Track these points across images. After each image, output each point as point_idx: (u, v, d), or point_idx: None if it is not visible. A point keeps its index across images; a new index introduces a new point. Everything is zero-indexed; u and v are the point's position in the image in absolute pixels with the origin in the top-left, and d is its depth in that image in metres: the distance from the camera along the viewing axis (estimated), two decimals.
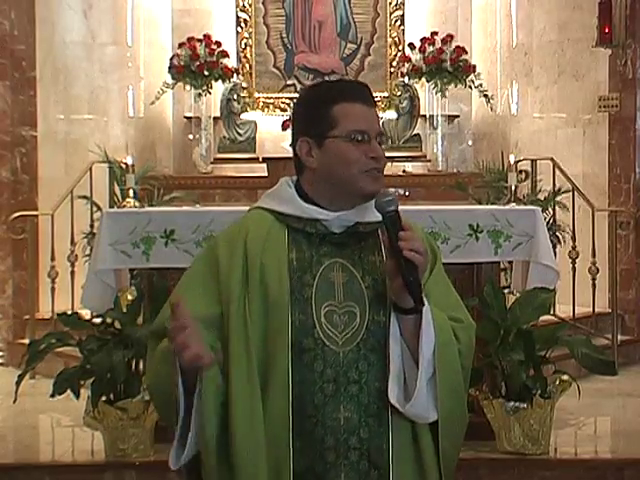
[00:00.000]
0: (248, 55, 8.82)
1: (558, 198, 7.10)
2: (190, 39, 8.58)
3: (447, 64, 8.57)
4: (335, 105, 2.26)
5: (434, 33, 8.71)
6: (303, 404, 2.20)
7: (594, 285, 7.07)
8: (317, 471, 2.21)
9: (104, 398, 4.69)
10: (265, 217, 2.32)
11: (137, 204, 5.71)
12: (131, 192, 5.83)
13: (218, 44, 8.61)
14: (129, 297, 5.38)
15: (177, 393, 2.14)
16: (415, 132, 8.85)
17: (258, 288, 2.23)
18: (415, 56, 8.69)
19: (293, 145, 2.33)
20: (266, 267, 2.24)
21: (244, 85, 8.81)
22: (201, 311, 2.21)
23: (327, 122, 2.26)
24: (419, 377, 2.19)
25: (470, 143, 9.07)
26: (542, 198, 7.01)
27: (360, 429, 2.20)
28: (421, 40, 8.70)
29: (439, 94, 8.67)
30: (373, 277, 2.26)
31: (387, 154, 2.38)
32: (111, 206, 6.83)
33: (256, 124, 8.82)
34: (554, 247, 6.27)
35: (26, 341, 6.32)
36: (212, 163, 8.70)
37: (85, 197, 6.97)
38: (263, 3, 8.83)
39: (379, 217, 2.26)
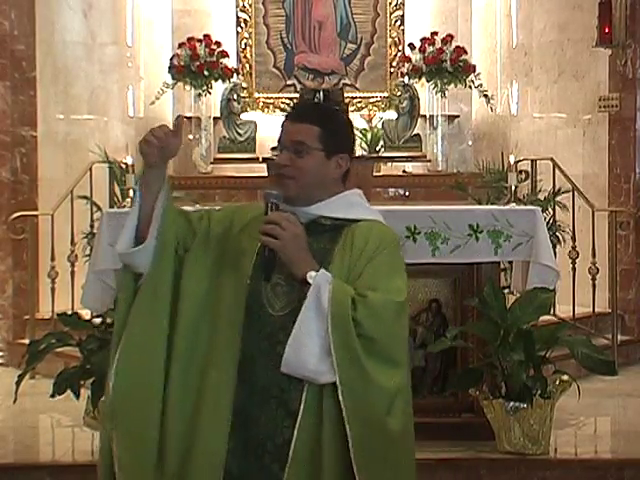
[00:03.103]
0: (248, 55, 8.82)
1: (558, 198, 7.11)
2: (190, 39, 8.58)
3: (447, 64, 8.56)
4: None
5: (434, 33, 8.71)
6: (247, 355, 2.71)
7: (594, 285, 7.07)
8: (248, 408, 2.70)
9: (104, 398, 4.69)
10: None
11: None
12: (131, 192, 5.84)
13: (218, 44, 8.61)
14: None
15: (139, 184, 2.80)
16: (415, 132, 8.84)
17: (233, 256, 2.80)
18: (415, 56, 8.68)
19: None
20: (240, 241, 2.81)
21: (244, 85, 8.81)
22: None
23: None
24: (293, 333, 2.63)
25: (470, 143, 9.06)
26: (542, 198, 7.01)
27: (281, 382, 2.67)
28: (421, 40, 8.69)
29: (439, 94, 8.66)
30: (319, 260, 2.71)
31: (387, 154, 2.54)
32: (111, 206, 6.83)
33: (256, 124, 8.81)
34: (554, 247, 6.26)
35: (26, 341, 6.32)
36: (212, 163, 8.69)
37: (85, 197, 6.98)
38: (263, 3, 8.83)
39: (349, 215, 2.80)
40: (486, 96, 8.59)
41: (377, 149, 8.58)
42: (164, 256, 2.80)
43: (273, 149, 2.72)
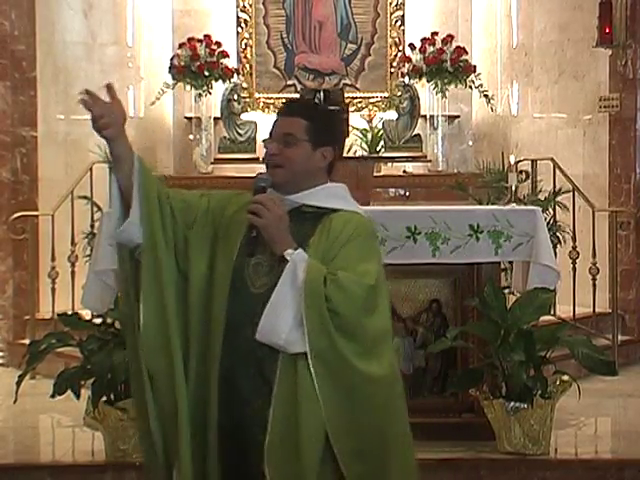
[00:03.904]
0: (248, 55, 8.82)
1: (558, 198, 7.10)
2: (190, 39, 8.58)
3: (447, 64, 8.56)
4: None
5: (434, 33, 8.71)
6: (232, 325, 2.94)
7: (594, 285, 7.07)
8: (231, 375, 2.92)
9: (104, 398, 4.70)
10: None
11: None
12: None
13: (218, 44, 8.61)
14: None
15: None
16: (415, 132, 8.84)
17: (225, 231, 3.04)
18: (415, 56, 8.68)
19: None
20: (233, 220, 3.04)
21: (244, 85, 8.81)
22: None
23: None
24: (269, 304, 2.85)
25: (470, 143, 9.06)
26: (542, 198, 7.00)
27: (257, 351, 2.89)
28: (421, 40, 8.69)
29: (439, 94, 8.66)
30: (298, 244, 2.92)
31: (387, 154, 2.54)
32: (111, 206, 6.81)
33: (256, 124, 8.81)
34: (554, 247, 6.26)
35: (26, 341, 6.33)
36: (212, 163, 8.69)
37: (85, 197, 6.98)
38: (263, 3, 8.83)
39: (331, 204, 3.00)
40: (486, 96, 8.59)
41: (377, 149, 8.58)
42: (154, 225, 3.04)
43: (264, 141, 3.07)
